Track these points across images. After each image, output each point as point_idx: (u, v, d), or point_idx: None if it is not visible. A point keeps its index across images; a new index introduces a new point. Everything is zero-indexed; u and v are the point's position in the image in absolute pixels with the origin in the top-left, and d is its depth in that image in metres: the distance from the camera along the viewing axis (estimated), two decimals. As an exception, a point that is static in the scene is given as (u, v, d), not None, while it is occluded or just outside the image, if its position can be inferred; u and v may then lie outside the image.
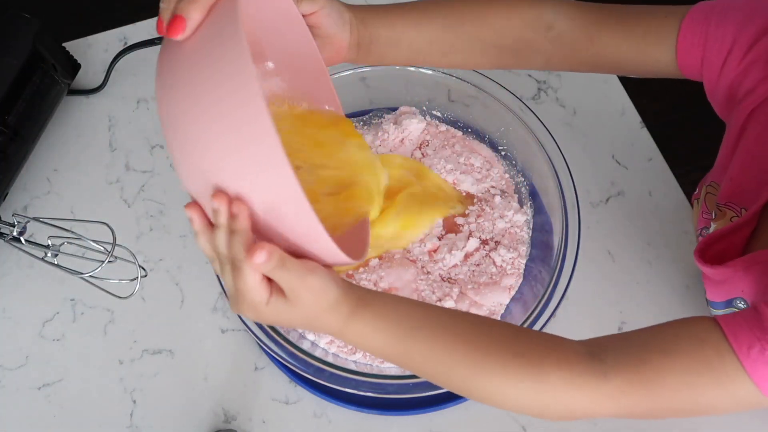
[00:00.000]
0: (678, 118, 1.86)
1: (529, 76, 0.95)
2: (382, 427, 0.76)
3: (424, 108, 0.84)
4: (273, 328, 0.69)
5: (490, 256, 0.76)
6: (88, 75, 0.94)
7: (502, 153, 0.83)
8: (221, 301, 0.81)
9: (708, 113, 0.85)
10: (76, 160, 0.90)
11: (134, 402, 0.77)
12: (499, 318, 0.74)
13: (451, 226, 0.78)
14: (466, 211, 0.79)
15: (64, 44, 0.90)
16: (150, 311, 0.81)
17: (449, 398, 0.75)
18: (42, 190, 0.88)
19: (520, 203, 0.80)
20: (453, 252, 0.75)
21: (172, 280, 0.83)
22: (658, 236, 0.86)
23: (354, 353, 0.72)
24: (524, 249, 0.77)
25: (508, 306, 0.74)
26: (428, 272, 0.75)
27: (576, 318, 0.80)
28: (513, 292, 0.75)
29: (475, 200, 0.80)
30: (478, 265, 0.76)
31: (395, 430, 0.76)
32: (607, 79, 0.96)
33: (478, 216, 0.78)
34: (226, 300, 0.81)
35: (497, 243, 0.77)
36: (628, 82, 0.96)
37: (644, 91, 1.13)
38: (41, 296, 0.82)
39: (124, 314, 0.81)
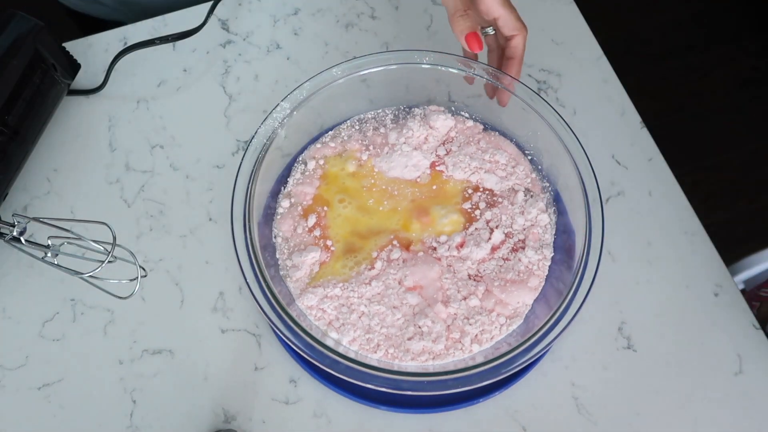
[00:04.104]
0: (678, 118, 1.86)
1: (529, 76, 0.95)
2: (382, 427, 0.76)
3: (453, 108, 0.84)
4: (294, 321, 0.69)
5: (517, 254, 0.76)
6: (88, 75, 0.95)
7: (529, 157, 0.83)
8: (221, 301, 0.82)
9: (708, 113, 0.85)
10: (76, 160, 0.90)
11: (134, 402, 0.77)
12: (523, 318, 0.74)
13: (465, 215, 0.79)
14: (474, 199, 0.79)
15: (63, 44, 0.90)
16: (150, 311, 0.81)
17: (454, 401, 0.75)
18: (42, 190, 0.88)
19: (546, 205, 0.80)
20: (480, 245, 0.76)
21: (172, 280, 0.83)
22: (658, 236, 0.86)
23: (375, 351, 0.72)
24: (549, 252, 0.77)
25: (532, 306, 0.74)
26: (454, 271, 0.75)
27: (575, 318, 0.80)
28: (537, 293, 0.75)
29: (493, 195, 0.80)
30: (505, 259, 0.76)
31: (395, 430, 0.76)
32: (607, 79, 0.96)
33: (492, 206, 0.79)
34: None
35: (524, 243, 0.77)
36: (628, 82, 0.96)
37: (644, 91, 1.13)
38: (41, 296, 0.82)
39: (124, 314, 0.81)
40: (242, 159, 0.76)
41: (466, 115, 0.85)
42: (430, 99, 0.85)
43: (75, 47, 0.96)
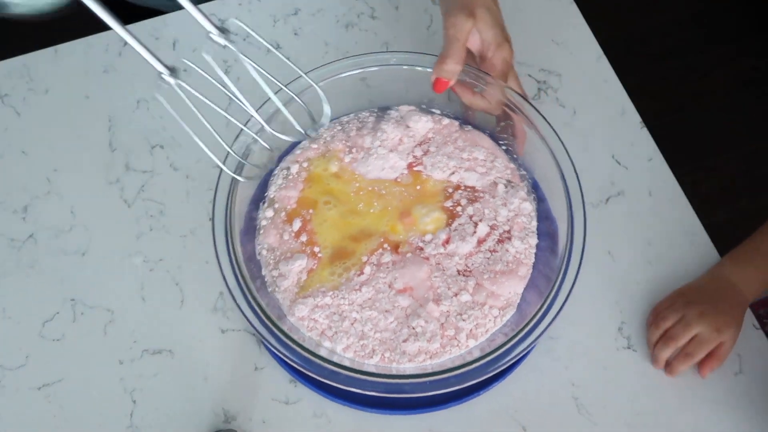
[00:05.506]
0: (678, 118, 1.86)
1: (529, 76, 0.95)
2: (382, 427, 0.76)
3: (423, 106, 0.84)
4: (282, 330, 0.69)
5: (504, 245, 0.76)
6: (88, 75, 0.95)
7: (503, 148, 0.83)
8: (221, 301, 0.82)
9: (708, 113, 0.85)
10: (76, 160, 0.90)
11: (134, 402, 0.77)
12: (515, 307, 0.74)
13: (447, 212, 0.78)
14: (456, 196, 0.79)
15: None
16: (150, 311, 0.81)
17: (451, 398, 0.75)
18: (42, 190, 0.88)
19: (527, 193, 0.79)
20: (466, 239, 0.76)
21: (172, 280, 0.83)
22: (658, 236, 0.86)
23: (371, 357, 0.71)
24: (534, 240, 0.77)
25: (523, 295, 0.74)
26: (443, 268, 0.75)
27: (575, 318, 0.80)
28: (526, 281, 0.75)
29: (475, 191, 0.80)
30: (492, 251, 0.76)
31: (395, 430, 0.76)
32: (607, 78, 0.96)
33: (473, 201, 0.78)
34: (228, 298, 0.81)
35: (509, 233, 0.77)
36: (628, 82, 0.96)
37: (644, 91, 1.13)
38: (41, 296, 0.82)
39: (124, 314, 0.81)
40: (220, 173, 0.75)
41: (438, 112, 0.84)
42: (402, 99, 0.85)
43: (75, 47, 0.96)
